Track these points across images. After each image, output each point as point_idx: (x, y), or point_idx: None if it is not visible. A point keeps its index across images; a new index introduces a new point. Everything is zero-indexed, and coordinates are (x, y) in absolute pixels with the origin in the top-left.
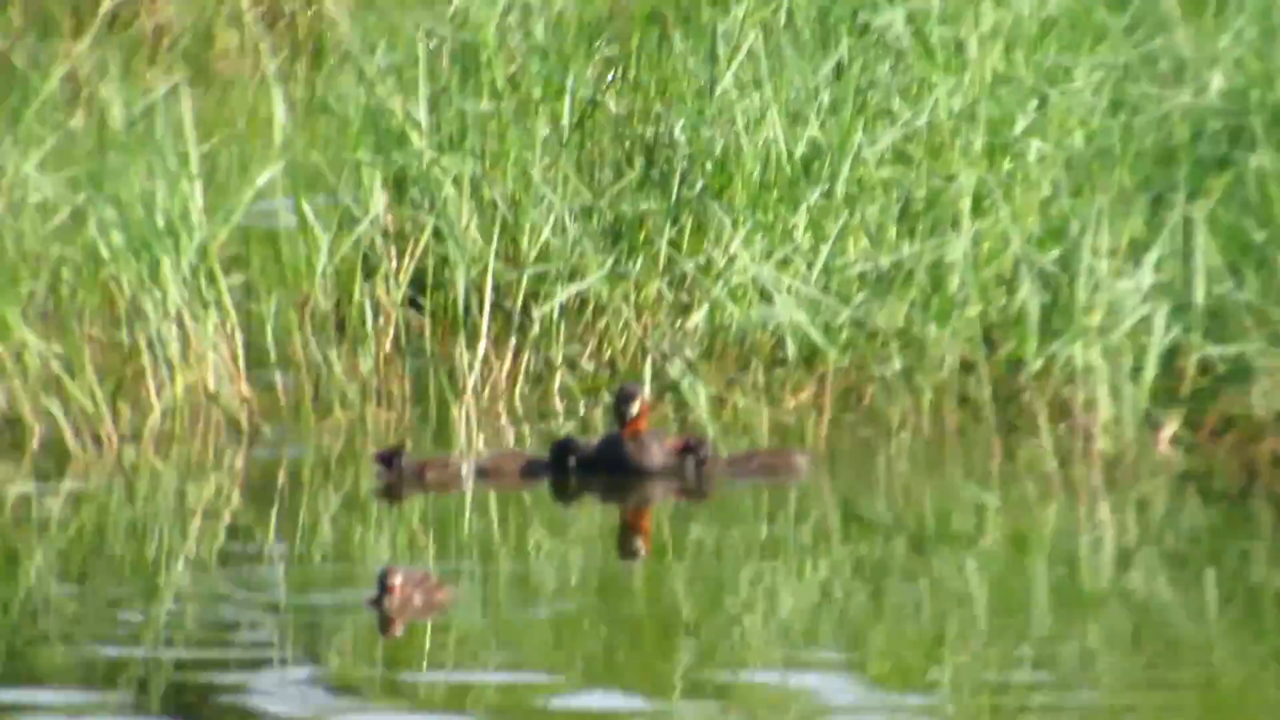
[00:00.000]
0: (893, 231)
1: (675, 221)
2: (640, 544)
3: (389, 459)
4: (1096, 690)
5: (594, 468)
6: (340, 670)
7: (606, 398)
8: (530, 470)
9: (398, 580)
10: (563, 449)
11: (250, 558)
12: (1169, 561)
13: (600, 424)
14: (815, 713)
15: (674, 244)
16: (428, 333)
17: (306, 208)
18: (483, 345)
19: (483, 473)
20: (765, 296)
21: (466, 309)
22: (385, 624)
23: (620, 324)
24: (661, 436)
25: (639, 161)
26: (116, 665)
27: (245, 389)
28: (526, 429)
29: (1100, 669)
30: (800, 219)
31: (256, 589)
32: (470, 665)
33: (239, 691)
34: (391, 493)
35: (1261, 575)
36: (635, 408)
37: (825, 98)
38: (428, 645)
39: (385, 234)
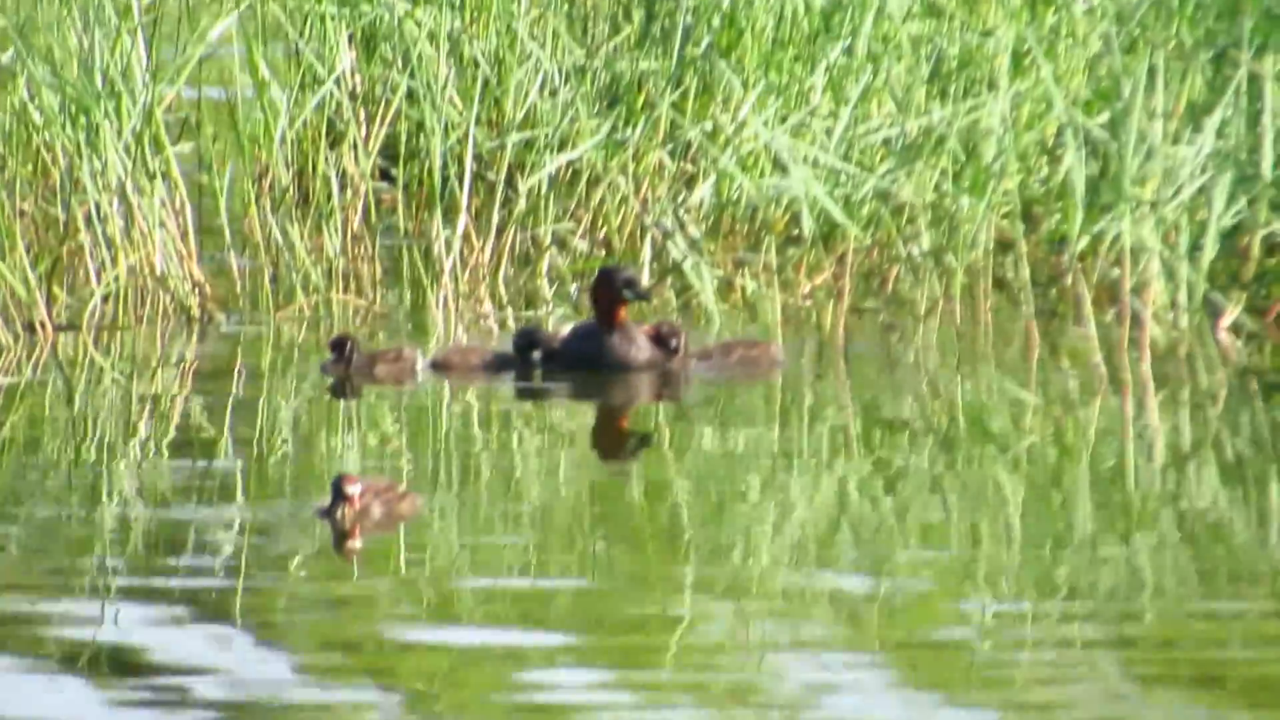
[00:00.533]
0: (921, 94)
1: (678, 83)
2: (635, 445)
3: (339, 346)
4: (1141, 621)
5: (565, 361)
6: (296, 583)
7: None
8: (494, 364)
9: (355, 489)
10: (526, 339)
11: (200, 463)
12: (1227, 467)
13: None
14: (828, 640)
15: (677, 108)
16: (400, 208)
17: (263, 65)
18: (462, 222)
19: (441, 366)
20: (779, 166)
21: (444, 181)
22: (340, 537)
23: (617, 198)
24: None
25: (638, 15)
26: (51, 583)
27: (196, 271)
28: (510, 316)
29: (1147, 595)
30: (818, 80)
31: (206, 500)
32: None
33: (180, 611)
34: (339, 385)
35: None
36: (632, 293)
37: None
38: (407, 552)
39: (352, 96)
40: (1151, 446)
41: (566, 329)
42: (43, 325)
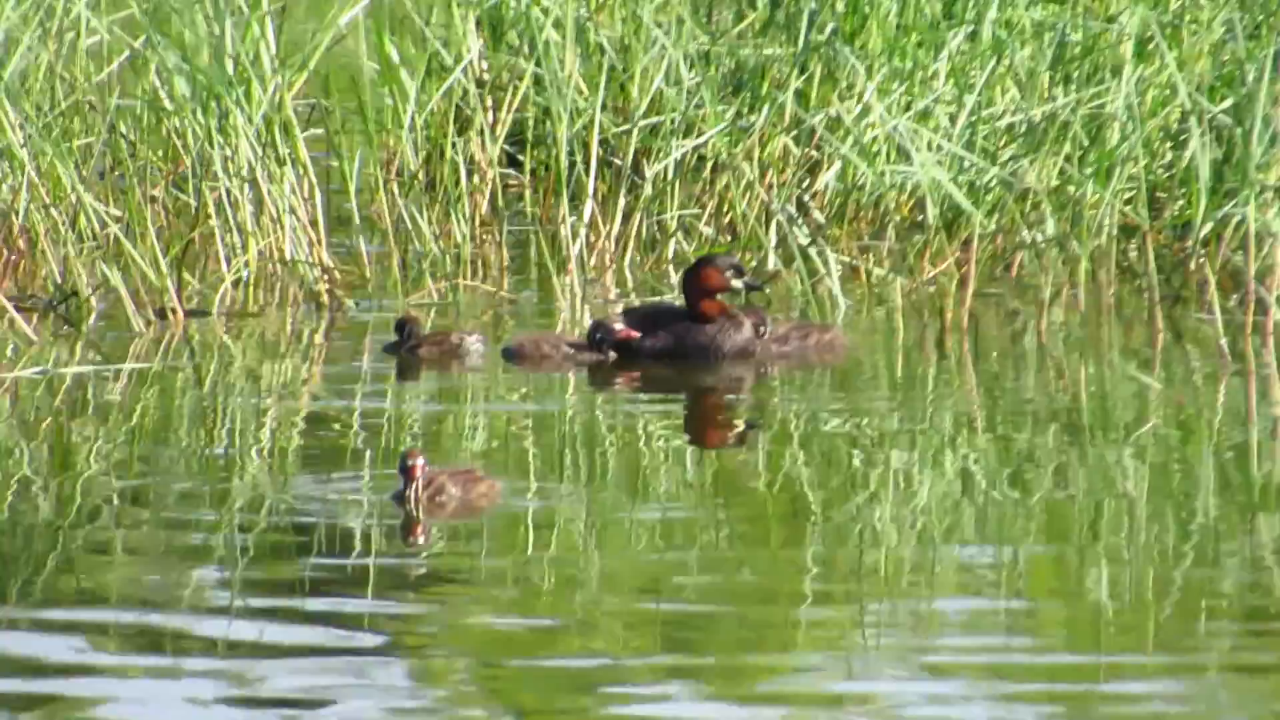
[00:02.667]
0: (1045, 80)
1: (803, 69)
2: (753, 432)
3: (402, 326)
4: (1267, 607)
5: (659, 355)
6: (430, 564)
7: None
8: (569, 355)
9: (418, 462)
10: (600, 332)
11: (329, 451)
12: None
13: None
14: (948, 620)
15: (801, 95)
16: (527, 194)
17: (392, 52)
18: (588, 208)
19: (515, 355)
20: (902, 153)
21: (570, 167)
22: (407, 523)
23: (741, 184)
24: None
25: (762, 1)
26: (178, 587)
27: (325, 257)
28: (636, 301)
29: (1273, 577)
30: (942, 66)
31: (335, 489)
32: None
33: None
34: (400, 363)
35: None
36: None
37: None
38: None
39: (479, 83)
40: (1275, 431)
41: (617, 319)
42: (173, 311)
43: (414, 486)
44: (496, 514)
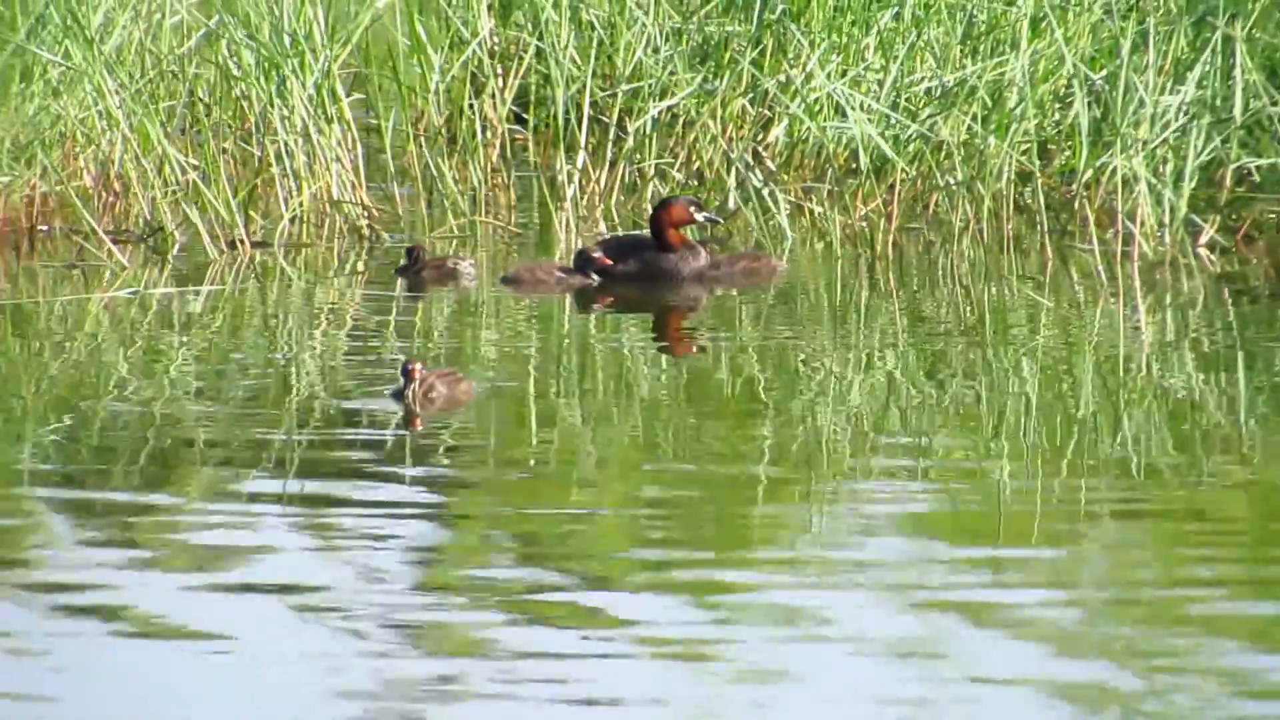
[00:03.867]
0: (957, 51)
1: (758, 43)
2: (711, 342)
3: (411, 252)
4: (1134, 476)
5: (627, 278)
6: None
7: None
8: (561, 280)
9: (417, 366)
10: (583, 259)
11: (363, 351)
12: (1203, 355)
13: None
14: (880, 493)
15: (756, 64)
16: (531, 146)
17: (420, 29)
18: (581, 157)
19: (513, 281)
20: (839, 112)
21: (566, 124)
22: (409, 413)
23: (707, 137)
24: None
25: None
26: (251, 448)
27: (365, 198)
28: (620, 234)
29: (1140, 461)
30: (871, 40)
31: (373, 380)
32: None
33: (356, 473)
34: (409, 284)
35: None
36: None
37: None
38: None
39: (492, 54)
40: (1142, 340)
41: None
42: (241, 243)
43: (412, 386)
44: (481, 405)
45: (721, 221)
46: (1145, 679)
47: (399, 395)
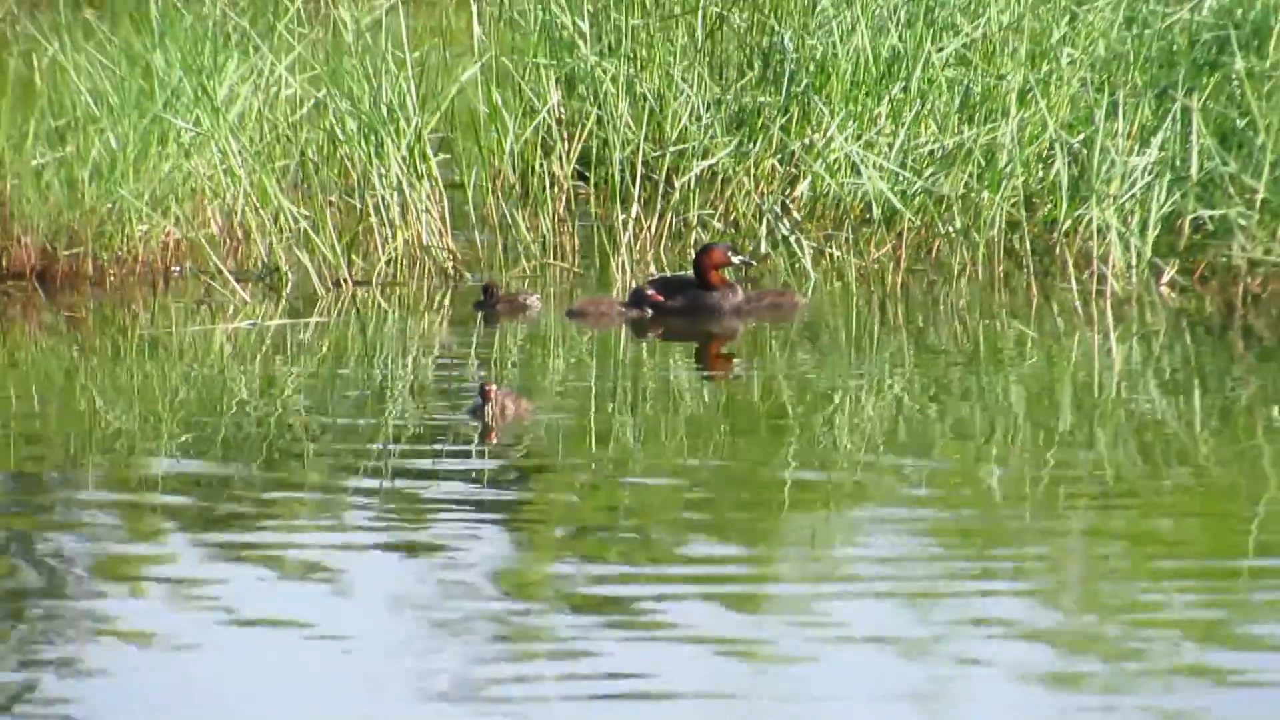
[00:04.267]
0: (955, 119)
1: (785, 111)
2: (746, 368)
3: (487, 289)
4: (1106, 482)
5: (675, 312)
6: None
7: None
8: (619, 313)
9: (493, 387)
10: (637, 296)
11: (453, 379)
12: (1164, 380)
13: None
14: (890, 495)
15: (784, 129)
16: (592, 199)
17: (497, 99)
18: (635, 209)
19: (577, 314)
20: (855, 170)
21: (621, 180)
22: (486, 430)
23: (742, 192)
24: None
25: (757, 64)
26: (352, 457)
27: (450, 243)
28: (668, 274)
29: (1110, 466)
30: (883, 109)
31: (456, 397)
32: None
33: (442, 479)
34: (485, 316)
35: (1238, 392)
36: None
37: (902, 14)
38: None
39: (559, 122)
40: (1112, 366)
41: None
42: (345, 281)
43: (490, 404)
44: (547, 421)
45: (754, 264)
46: (1115, 654)
47: (475, 412)
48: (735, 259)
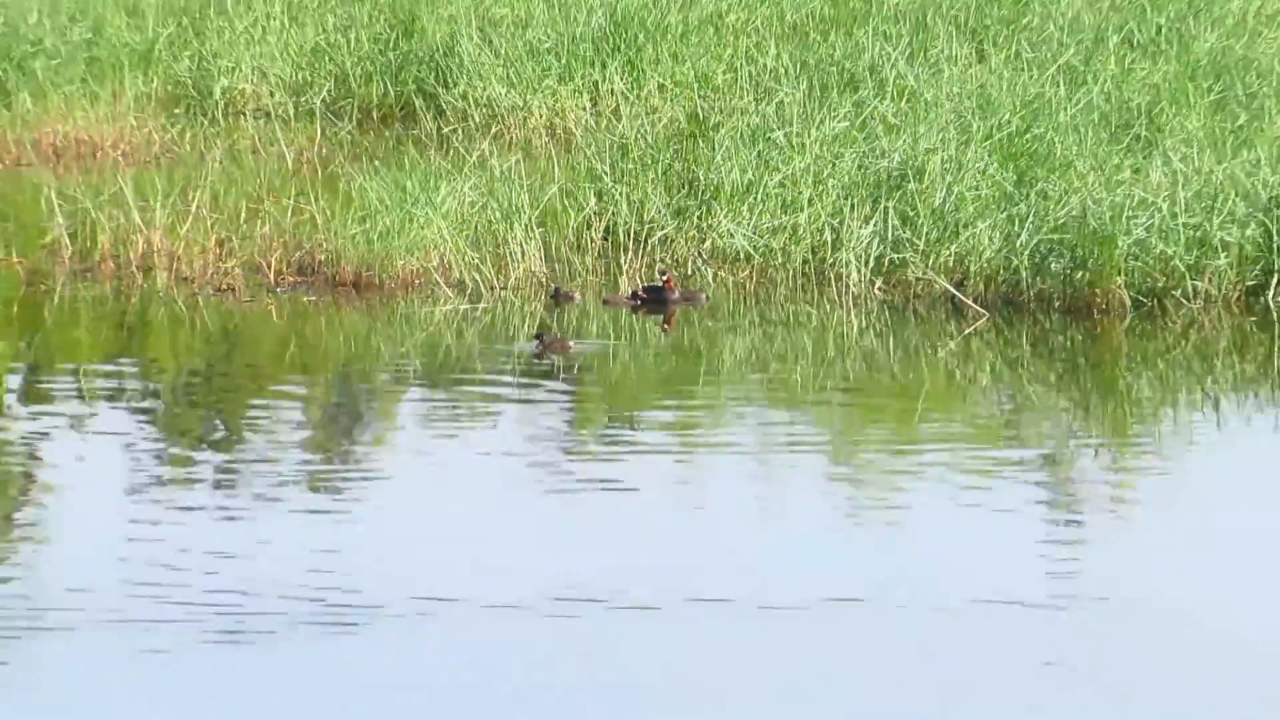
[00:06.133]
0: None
1: (702, 208)
2: (675, 327)
3: (540, 336)
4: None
5: (649, 303)
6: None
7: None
8: (629, 303)
9: (546, 334)
10: (634, 294)
11: (529, 335)
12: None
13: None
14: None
15: (700, 217)
16: (610, 247)
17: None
18: (629, 255)
19: (610, 303)
20: (731, 235)
21: (624, 239)
22: (540, 353)
23: (681, 245)
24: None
25: (688, 185)
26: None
27: (544, 268)
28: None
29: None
30: (748, 205)
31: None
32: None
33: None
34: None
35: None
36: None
37: (775, 155)
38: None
39: (594, 213)
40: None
41: (626, 290)
42: (493, 288)
43: (543, 340)
44: (583, 354)
45: (673, 274)
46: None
47: (537, 347)
48: (668, 276)
